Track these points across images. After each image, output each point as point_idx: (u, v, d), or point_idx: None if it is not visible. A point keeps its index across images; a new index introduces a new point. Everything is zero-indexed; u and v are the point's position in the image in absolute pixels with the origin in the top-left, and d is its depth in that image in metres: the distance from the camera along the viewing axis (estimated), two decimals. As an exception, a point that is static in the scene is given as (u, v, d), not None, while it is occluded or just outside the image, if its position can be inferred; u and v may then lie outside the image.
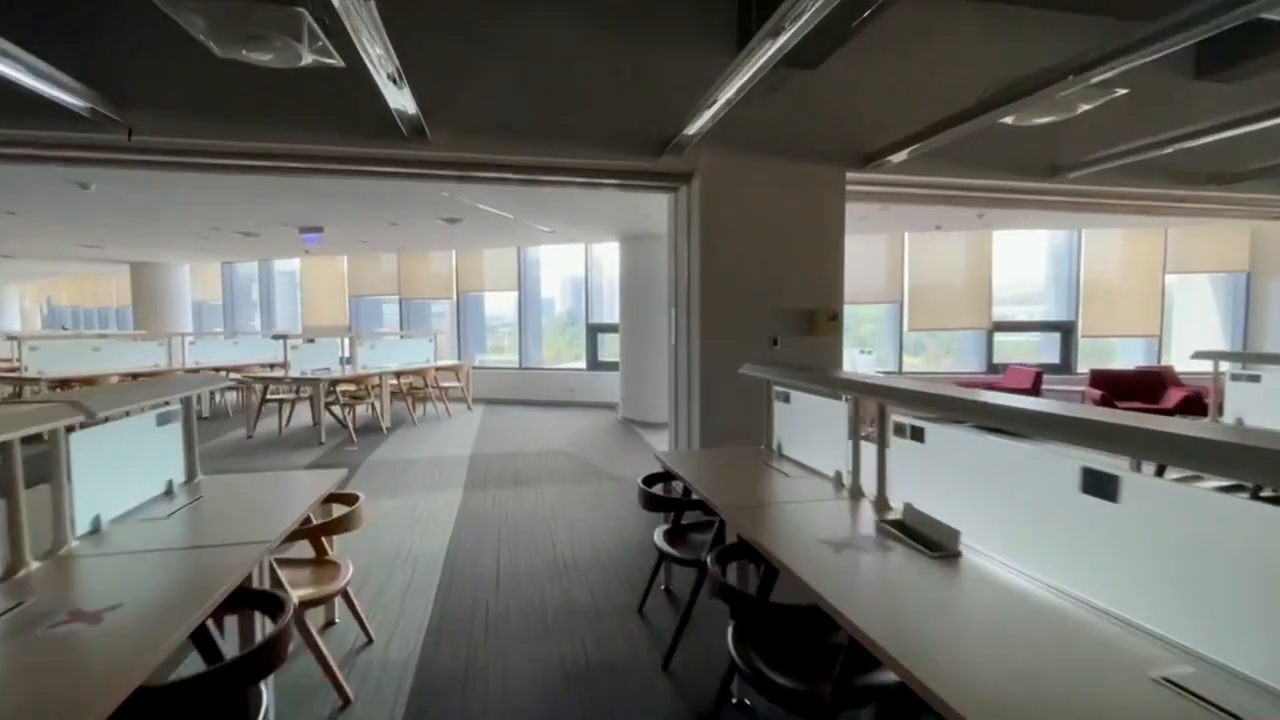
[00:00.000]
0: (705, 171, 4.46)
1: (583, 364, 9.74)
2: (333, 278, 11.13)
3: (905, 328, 8.67)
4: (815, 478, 2.63)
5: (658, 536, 2.79)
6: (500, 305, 10.92)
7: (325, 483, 2.55)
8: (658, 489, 3.13)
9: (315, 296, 11.35)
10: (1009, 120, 3.85)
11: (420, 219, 6.77)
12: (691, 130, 3.93)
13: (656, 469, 3.21)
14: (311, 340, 8.31)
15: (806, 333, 4.66)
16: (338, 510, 2.68)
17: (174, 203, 5.93)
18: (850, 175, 4.70)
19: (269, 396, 7.30)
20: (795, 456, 2.94)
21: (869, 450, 2.35)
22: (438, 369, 8.59)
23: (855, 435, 2.45)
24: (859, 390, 2.35)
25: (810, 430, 2.84)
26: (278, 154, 4.03)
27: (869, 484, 2.36)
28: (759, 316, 4.59)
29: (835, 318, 4.67)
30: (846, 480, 2.46)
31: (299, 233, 7.27)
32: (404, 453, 6.35)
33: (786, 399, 3.07)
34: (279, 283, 12.22)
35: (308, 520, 2.40)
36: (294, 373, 7.04)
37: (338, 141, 3.86)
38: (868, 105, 4.54)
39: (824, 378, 2.59)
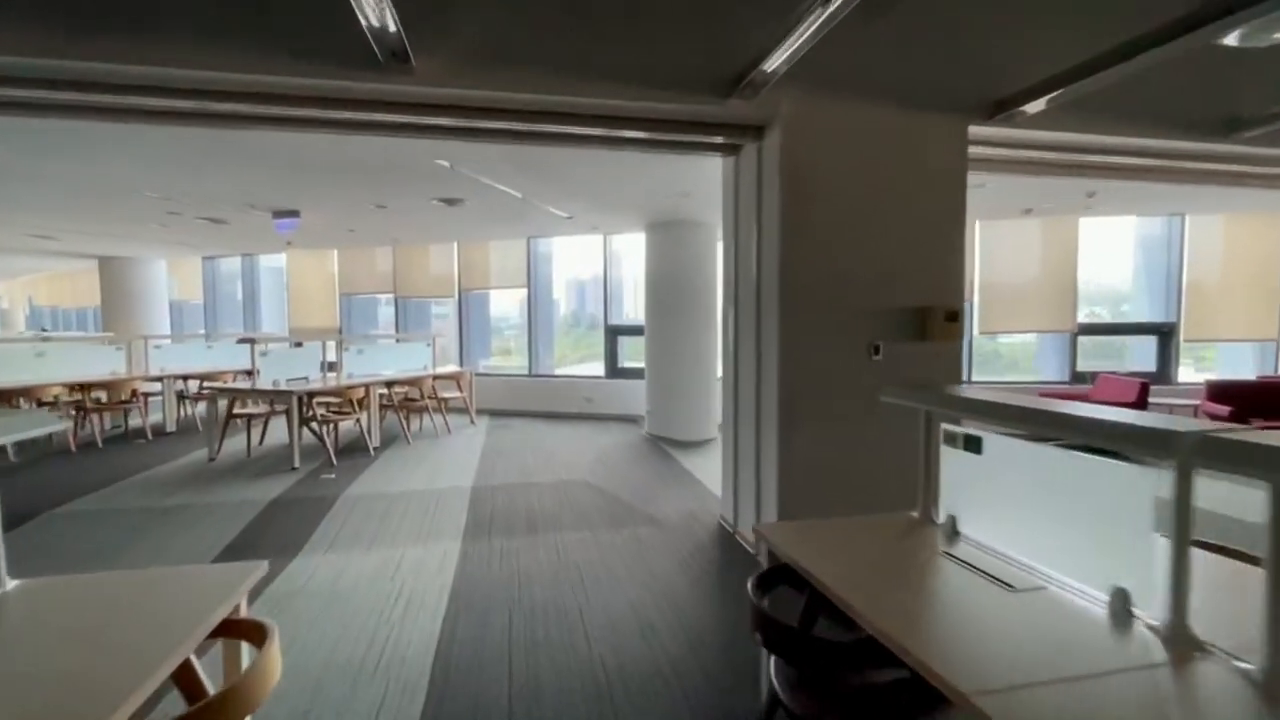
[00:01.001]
0: (788, 122, 3.32)
1: (601, 371, 8.60)
2: (322, 275, 10.05)
3: (975, 330, 7.49)
4: (1050, 594, 1.48)
5: (773, 676, 1.65)
6: (507, 305, 9.80)
7: (219, 601, 1.43)
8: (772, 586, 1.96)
9: (303, 295, 10.27)
10: (1232, 41, 2.74)
11: (413, 199, 5.65)
12: (771, 65, 2.81)
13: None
14: (299, 344, 7.22)
15: (916, 337, 3.52)
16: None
17: (103, 176, 4.83)
18: (974, 130, 3.56)
19: (237, 411, 6.20)
20: (992, 543, 1.79)
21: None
22: (435, 377, 7.48)
23: (1182, 532, 1.30)
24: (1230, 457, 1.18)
25: (1031, 503, 1.69)
26: (216, 89, 2.93)
27: (1206, 620, 1.21)
28: (853, 317, 3.45)
29: (955, 318, 3.53)
30: (1145, 610, 1.32)
31: (272, 218, 6.18)
32: (391, 483, 5.22)
33: (974, 447, 1.91)
34: (265, 280, 11.15)
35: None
36: (264, 383, 5.93)
37: (298, 70, 2.75)
38: (1004, 34, 3.39)
39: (1128, 427, 1.43)
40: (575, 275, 9.21)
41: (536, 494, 4.89)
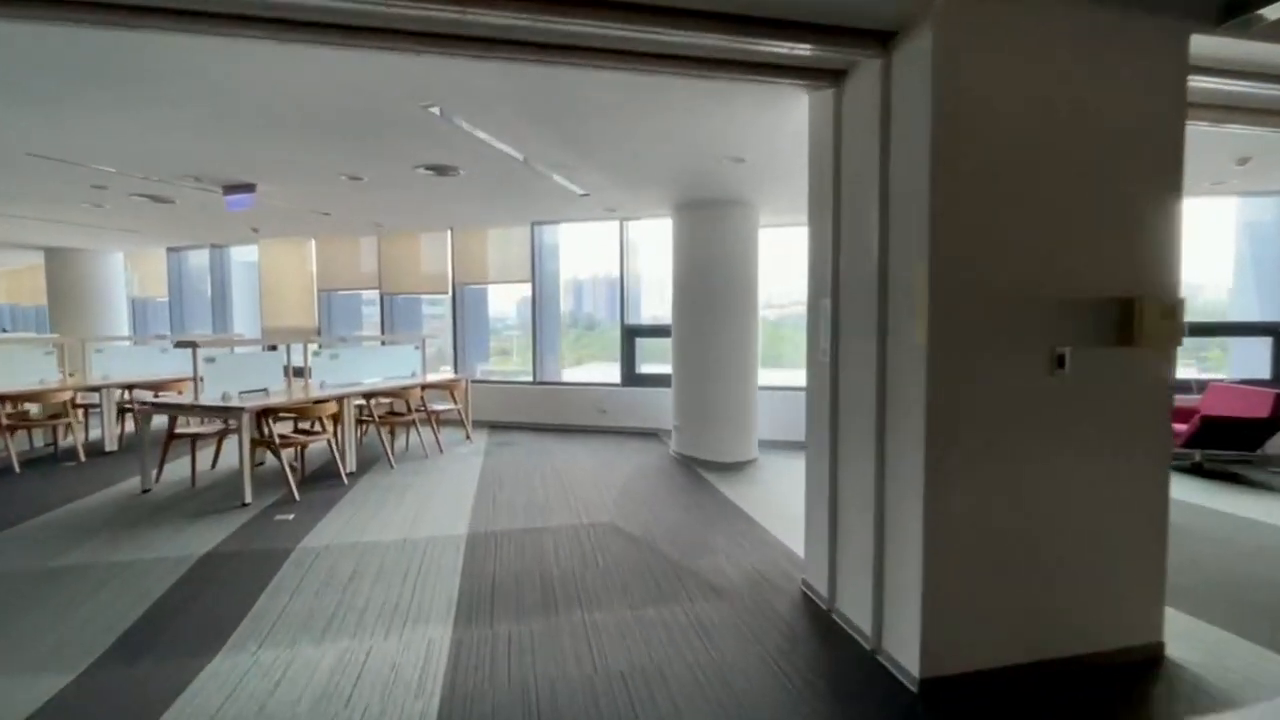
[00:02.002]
0: (943, 22, 2.22)
1: (615, 377, 7.49)
2: (299, 269, 8.91)
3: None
4: None
5: None
6: (508, 302, 8.68)
7: None
8: None
9: (278, 292, 9.13)
10: None
11: (394, 167, 4.53)
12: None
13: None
14: (273, 347, 6.08)
15: (1114, 341, 2.42)
16: None
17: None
18: (1197, 42, 2.46)
19: (180, 431, 5.06)
20: None
21: None
22: (425, 387, 6.35)
23: None
24: None
25: None
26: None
27: None
28: (1026, 313, 2.35)
29: (1172, 315, 2.43)
30: None
31: (223, 194, 5.04)
32: (364, 527, 4.09)
33: None
34: (238, 275, 9.99)
35: None
36: (211, 397, 4.80)
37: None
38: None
39: None
40: (587, 268, 8.10)
41: (551, 545, 3.77)
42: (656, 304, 7.54)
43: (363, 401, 5.76)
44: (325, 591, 3.13)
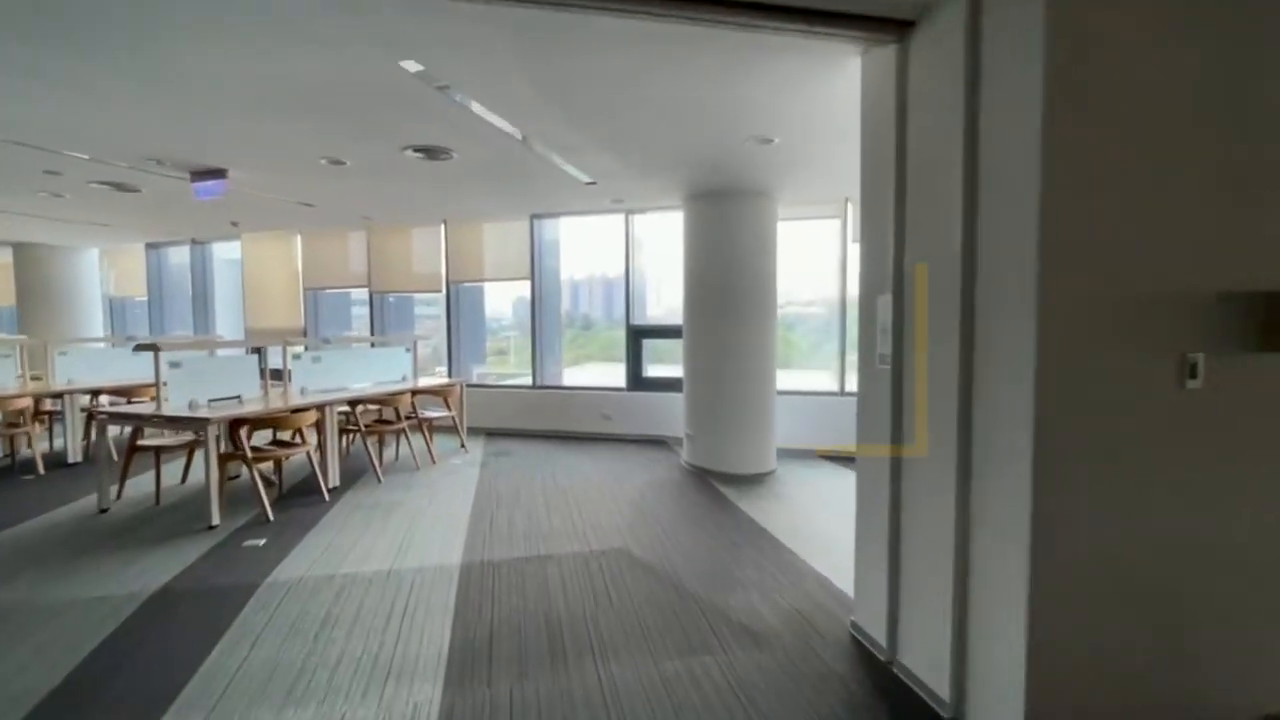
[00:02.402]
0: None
1: (619, 380, 7.03)
2: (285, 266, 8.42)
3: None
4: None
5: None
6: (506, 301, 8.21)
7: None
8: None
9: (262, 291, 8.63)
10: None
11: (378, 148, 4.05)
12: None
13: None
14: (257, 350, 5.59)
15: (1259, 345, 1.97)
16: None
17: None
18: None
19: (143, 442, 4.58)
20: None
21: None
22: (416, 392, 5.87)
23: None
24: None
25: None
26: None
27: None
28: (1147, 311, 1.90)
29: (1331, 311, 1.98)
30: None
31: (190, 181, 4.56)
32: (344, 555, 3.61)
33: None
34: (221, 273, 9.49)
35: None
36: (176, 406, 4.32)
37: None
38: None
39: None
40: (590, 265, 7.62)
41: (557, 578, 3.30)
42: (663, 303, 7.09)
43: (348, 409, 5.28)
44: (292, 640, 2.65)
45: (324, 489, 4.66)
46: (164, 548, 3.67)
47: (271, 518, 4.15)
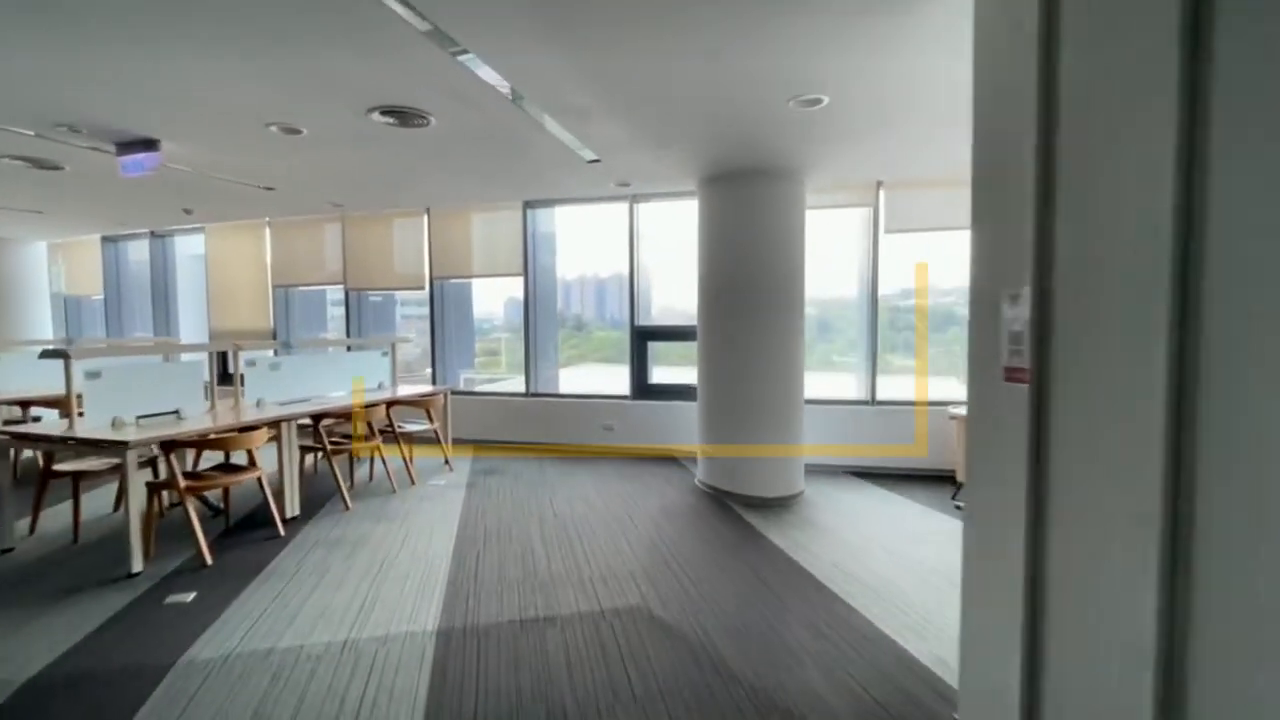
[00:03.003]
0: None
1: (622, 387, 6.32)
2: (253, 261, 7.64)
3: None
4: None
5: None
6: (496, 300, 7.49)
7: None
8: None
9: (229, 288, 7.85)
10: None
11: (339, 110, 3.32)
12: None
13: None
14: (225, 353, 4.81)
15: None
16: None
17: None
18: None
19: (59, 468, 3.83)
20: None
21: None
22: (392, 404, 5.13)
23: None
24: None
25: None
26: None
27: None
28: None
29: None
30: None
31: (116, 155, 3.81)
32: (288, 619, 2.88)
33: None
34: (185, 270, 8.69)
35: None
36: (95, 424, 3.57)
37: None
38: None
39: None
40: (587, 260, 6.91)
41: (561, 651, 2.59)
42: (671, 302, 6.40)
43: (312, 424, 4.54)
44: (198, 763, 1.93)
45: (278, 521, 3.92)
46: (65, 606, 2.93)
47: (209, 560, 3.41)
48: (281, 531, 3.87)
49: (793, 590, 3.15)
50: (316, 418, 4.48)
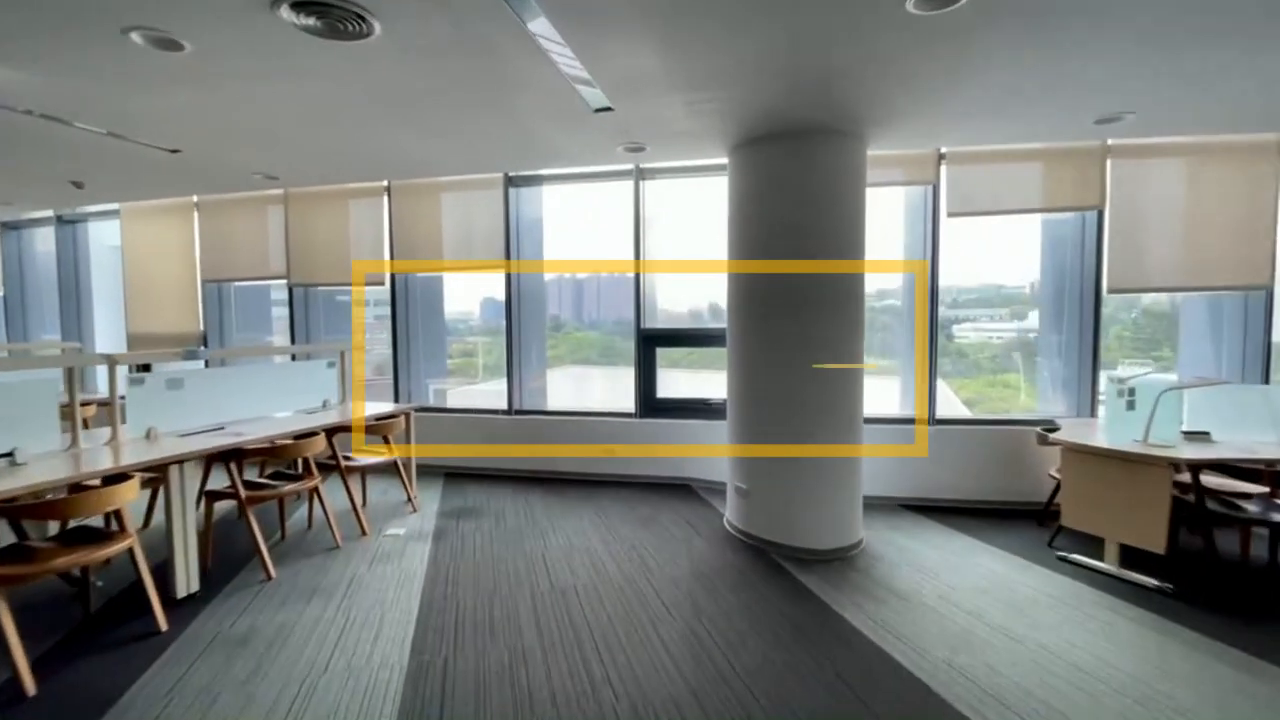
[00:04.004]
0: None
1: (630, 404, 5.26)
2: (178, 252, 6.38)
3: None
4: None
5: None
6: (473, 297, 6.35)
7: None
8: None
9: (150, 283, 6.57)
10: None
11: (235, 15, 2.21)
12: None
13: None
14: (147, 368, 3.59)
15: None
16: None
17: None
18: None
19: None
20: None
21: None
22: (336, 431, 3.99)
23: None
24: None
25: None
26: None
27: None
28: None
29: None
30: None
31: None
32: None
33: None
34: (100, 263, 7.37)
35: None
36: None
37: None
38: None
39: None
40: (583, 248, 5.80)
41: None
42: (679, 299, 5.36)
43: (232, 464, 3.38)
44: None
45: (158, 612, 2.76)
46: None
47: (31, 688, 2.25)
48: (162, 625, 2.71)
49: (909, 713, 2.13)
50: (230, 454, 3.32)
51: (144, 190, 5.46)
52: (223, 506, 4.20)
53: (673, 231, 5.13)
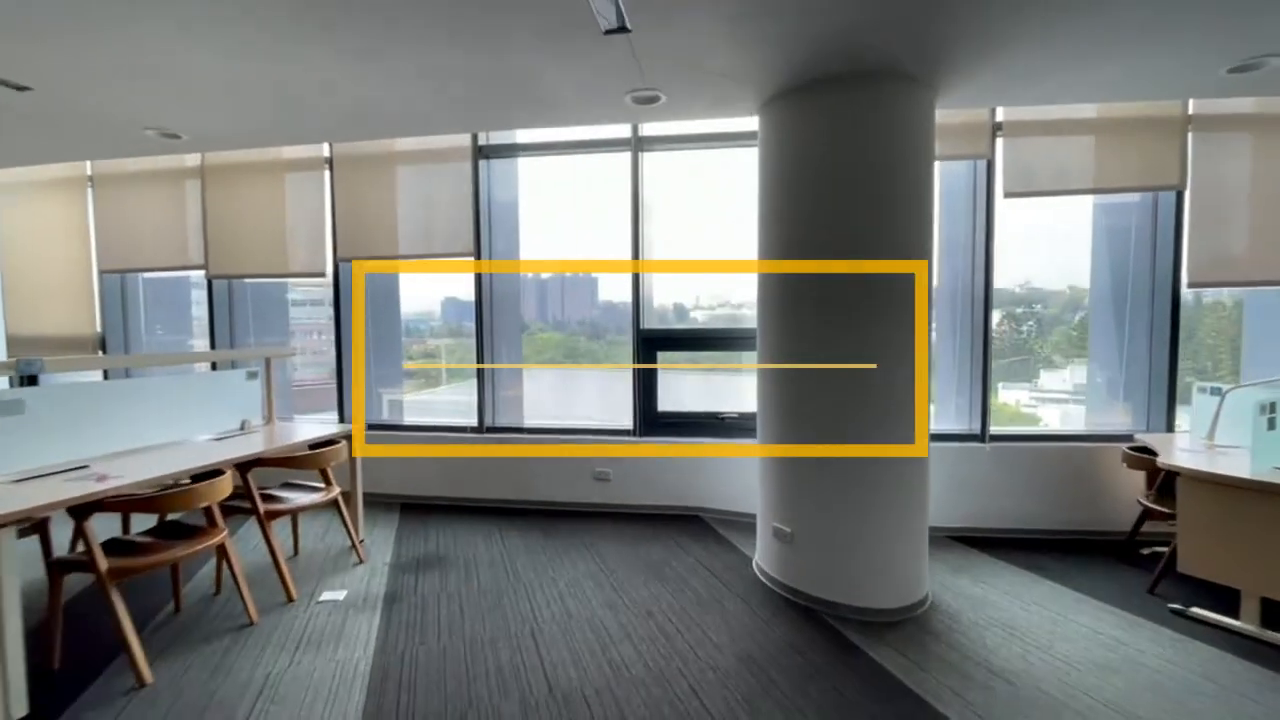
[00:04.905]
0: None
1: (627, 420, 4.42)
2: (71, 235, 5.23)
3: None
4: None
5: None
6: (431, 296, 5.38)
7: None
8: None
9: (31, 274, 5.39)
10: None
11: None
12: None
13: None
14: (31, 379, 2.59)
15: None
16: None
17: None
18: None
19: None
20: None
21: None
22: (251, 466, 3.02)
23: None
24: None
25: None
26: None
27: None
28: None
29: None
30: None
31: None
32: None
33: None
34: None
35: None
36: None
37: None
38: None
39: None
40: (569, 234, 4.92)
41: None
42: (679, 292, 4.56)
43: (74, 519, 2.40)
44: None
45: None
46: None
47: None
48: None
49: None
50: (80, 508, 2.34)
51: (3, 150, 4.34)
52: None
53: (677, 211, 4.31)
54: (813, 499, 2.96)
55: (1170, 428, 3.87)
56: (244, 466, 3.01)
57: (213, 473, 2.71)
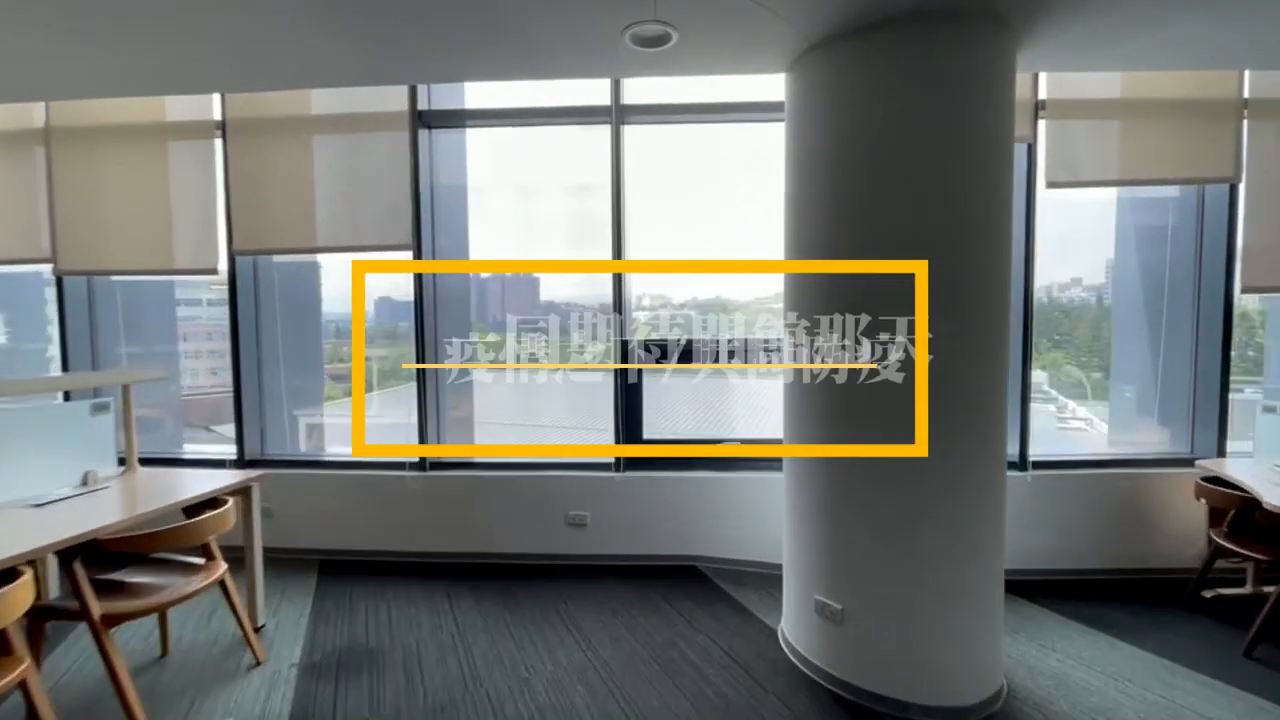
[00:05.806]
0: None
1: (608, 443, 3.64)
2: None
3: None
4: None
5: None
6: (362, 290, 4.40)
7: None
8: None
9: None
10: None
11: None
12: None
13: None
14: None
15: None
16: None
17: None
18: None
19: None
20: None
21: None
22: (87, 547, 2.08)
23: None
24: None
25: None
26: None
27: None
28: None
29: None
30: None
31: None
32: None
33: None
34: None
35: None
36: None
37: None
38: None
39: None
40: (532, 213, 4.07)
41: None
42: (670, 286, 3.83)
43: None
44: None
45: None
46: None
47: None
48: None
49: None
50: None
51: None
52: None
53: (668, 198, 3.57)
54: (875, 567, 2.29)
55: (1221, 451, 3.44)
56: (78, 551, 2.06)
57: (5, 573, 1.77)
